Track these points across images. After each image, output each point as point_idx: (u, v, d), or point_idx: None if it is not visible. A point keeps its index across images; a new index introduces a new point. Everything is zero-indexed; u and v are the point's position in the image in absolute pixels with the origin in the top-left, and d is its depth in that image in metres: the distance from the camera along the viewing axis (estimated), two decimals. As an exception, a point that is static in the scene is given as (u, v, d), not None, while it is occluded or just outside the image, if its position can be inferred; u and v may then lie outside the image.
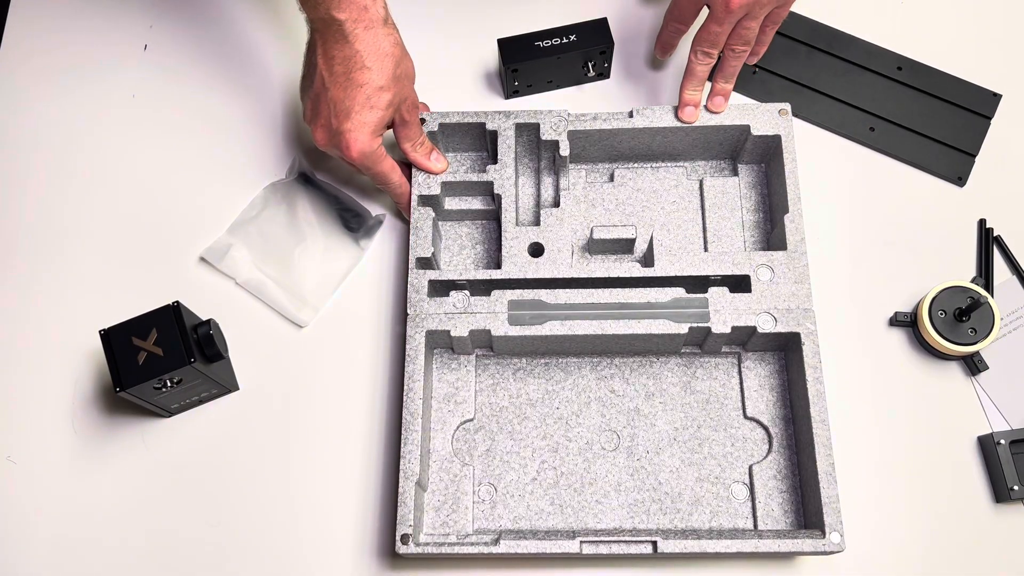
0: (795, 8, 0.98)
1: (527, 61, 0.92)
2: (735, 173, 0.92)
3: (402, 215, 0.92)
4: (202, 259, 0.91)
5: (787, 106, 0.88)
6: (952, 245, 0.91)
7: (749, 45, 0.87)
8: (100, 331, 0.77)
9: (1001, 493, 0.82)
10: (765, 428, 0.84)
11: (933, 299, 0.85)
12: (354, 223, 0.91)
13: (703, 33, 0.86)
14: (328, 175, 0.94)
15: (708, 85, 0.93)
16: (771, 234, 0.89)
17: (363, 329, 0.89)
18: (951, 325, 0.85)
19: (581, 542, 0.76)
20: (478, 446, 0.85)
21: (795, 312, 0.82)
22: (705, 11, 0.86)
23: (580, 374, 0.87)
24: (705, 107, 0.89)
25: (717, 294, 0.83)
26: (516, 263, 0.85)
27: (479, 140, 0.91)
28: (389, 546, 0.83)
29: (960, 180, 0.93)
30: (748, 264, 0.84)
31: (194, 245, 0.92)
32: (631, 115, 0.88)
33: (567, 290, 0.84)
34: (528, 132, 0.89)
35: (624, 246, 0.88)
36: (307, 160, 0.94)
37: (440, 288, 0.85)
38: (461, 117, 0.89)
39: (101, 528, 0.84)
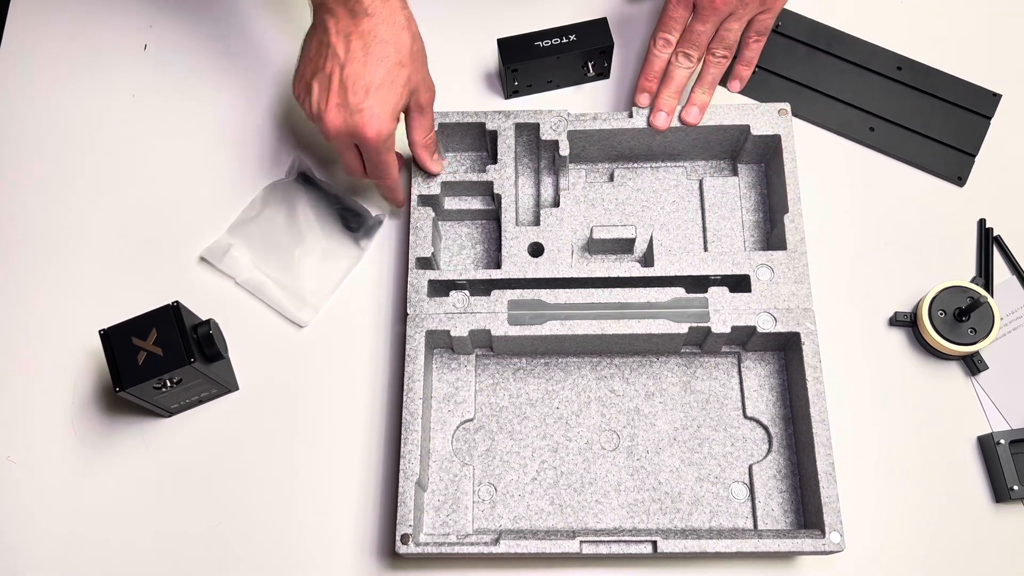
0: (795, 8, 0.98)
1: (527, 61, 0.92)
2: (735, 173, 0.92)
3: (389, 210, 0.92)
4: (202, 259, 0.91)
5: (787, 106, 0.88)
6: (952, 245, 0.91)
7: (730, 51, 0.87)
8: (100, 331, 0.77)
9: (1001, 493, 0.82)
10: (765, 428, 0.84)
11: (933, 299, 0.85)
12: (354, 223, 0.91)
13: (686, 34, 0.86)
14: (328, 175, 0.94)
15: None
16: (771, 234, 0.89)
17: (363, 329, 0.89)
18: (951, 325, 0.85)
19: (581, 542, 0.76)
20: (478, 446, 0.85)
21: (795, 312, 0.82)
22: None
23: (580, 374, 0.87)
24: (679, 117, 0.88)
25: (717, 294, 0.83)
26: (516, 263, 0.85)
27: (479, 140, 0.91)
28: (389, 546, 0.83)
29: (960, 180, 0.93)
30: (748, 264, 0.84)
31: (194, 245, 0.92)
32: (631, 115, 0.88)
33: (567, 290, 0.84)
34: (528, 132, 0.89)
35: (624, 246, 0.88)
36: (307, 160, 0.94)
37: (440, 288, 0.85)
38: (461, 117, 0.89)
39: (101, 528, 0.84)
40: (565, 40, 0.92)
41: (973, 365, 0.86)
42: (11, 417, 0.87)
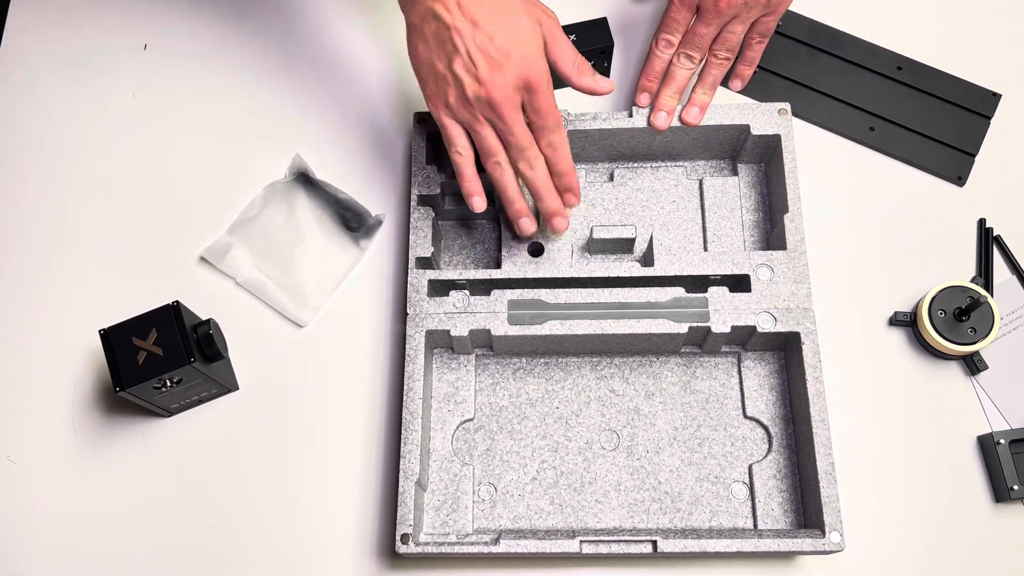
0: (795, 8, 0.98)
1: (527, 61, 0.92)
2: (735, 173, 0.92)
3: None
4: (202, 259, 0.91)
5: (787, 106, 0.88)
6: (952, 245, 0.91)
7: (733, 53, 0.87)
8: (100, 331, 0.77)
9: (1001, 493, 0.82)
10: (765, 428, 0.84)
11: (933, 299, 0.85)
12: (354, 223, 0.92)
13: (688, 36, 0.86)
14: (328, 175, 0.94)
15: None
16: (771, 234, 0.89)
17: (363, 329, 0.89)
18: (951, 325, 0.85)
19: (581, 542, 0.76)
20: (478, 446, 0.85)
21: (795, 312, 0.82)
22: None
23: (580, 374, 0.87)
24: (680, 117, 0.88)
25: (717, 294, 0.83)
26: (516, 263, 0.85)
27: (479, 140, 0.91)
28: (389, 546, 0.83)
29: (960, 180, 0.93)
30: (748, 264, 0.84)
31: (194, 245, 0.92)
32: (631, 115, 0.89)
33: (567, 290, 0.84)
34: (528, 132, 0.89)
35: (624, 246, 0.88)
36: (307, 160, 0.94)
37: (440, 288, 0.85)
38: (461, 117, 0.89)
39: (101, 528, 0.84)
40: (565, 40, 0.92)
41: (973, 365, 0.86)
42: (11, 417, 0.87)
